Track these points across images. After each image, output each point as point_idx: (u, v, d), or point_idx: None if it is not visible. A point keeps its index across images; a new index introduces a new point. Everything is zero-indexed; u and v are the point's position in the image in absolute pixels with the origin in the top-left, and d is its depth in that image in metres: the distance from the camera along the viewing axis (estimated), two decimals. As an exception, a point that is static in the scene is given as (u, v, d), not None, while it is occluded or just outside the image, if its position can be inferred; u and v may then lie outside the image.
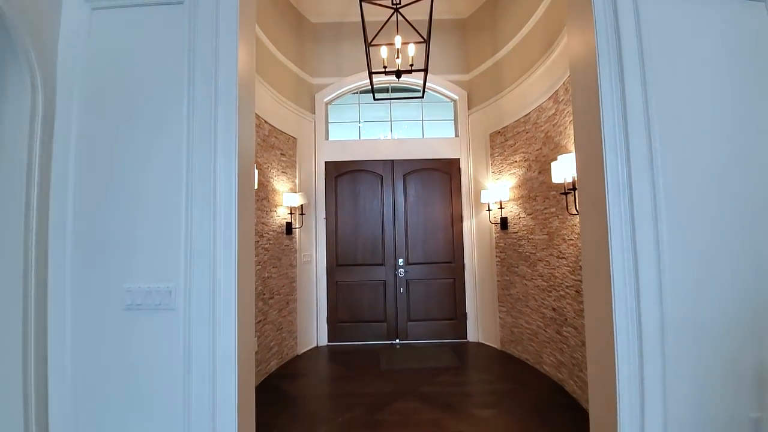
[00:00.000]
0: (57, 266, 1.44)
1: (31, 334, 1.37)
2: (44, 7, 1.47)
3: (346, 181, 3.88)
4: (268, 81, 3.08)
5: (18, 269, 1.36)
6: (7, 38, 1.34)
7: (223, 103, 1.48)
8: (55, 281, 1.44)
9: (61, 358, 1.43)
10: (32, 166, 1.40)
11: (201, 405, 1.38)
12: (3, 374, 1.32)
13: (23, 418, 1.34)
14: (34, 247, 1.39)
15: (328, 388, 2.76)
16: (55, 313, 1.44)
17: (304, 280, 3.61)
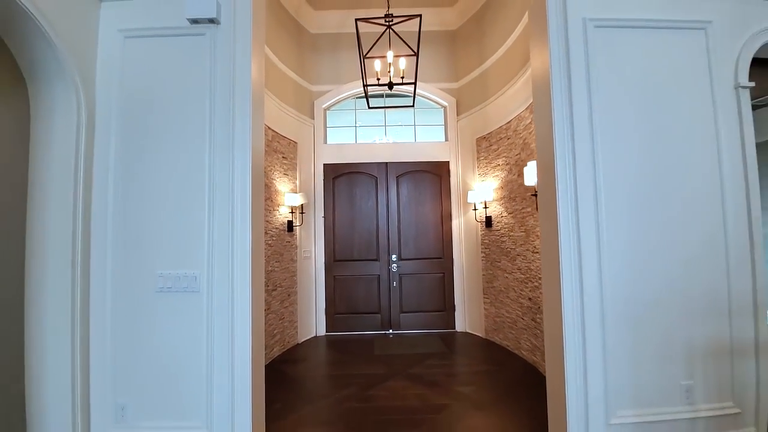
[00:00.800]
0: (98, 255, 1.71)
1: (77, 312, 1.64)
2: (84, 36, 1.74)
3: (343, 182, 4.15)
4: (271, 90, 3.34)
5: (67, 258, 1.63)
6: (58, 66, 1.61)
7: (239, 116, 1.75)
8: (97, 268, 1.71)
9: (101, 330, 1.70)
10: (78, 170, 1.67)
11: (222, 369, 1.67)
12: (55, 346, 1.60)
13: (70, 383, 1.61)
14: (79, 239, 1.66)
15: (326, 370, 3.04)
16: (97, 295, 1.71)
17: (304, 274, 3.89)
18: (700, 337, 1.71)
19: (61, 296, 1.60)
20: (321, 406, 2.39)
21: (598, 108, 1.72)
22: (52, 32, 1.53)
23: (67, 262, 1.61)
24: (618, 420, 1.66)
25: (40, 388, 1.57)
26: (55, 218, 1.62)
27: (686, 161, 1.75)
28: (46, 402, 1.57)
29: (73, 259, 1.62)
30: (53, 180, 1.63)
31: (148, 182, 1.74)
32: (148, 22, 1.78)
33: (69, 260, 1.61)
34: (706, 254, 1.73)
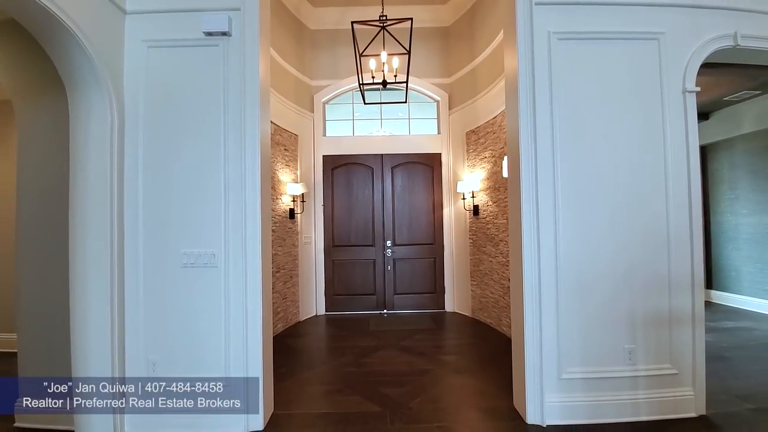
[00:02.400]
0: (131, 237, 2.02)
1: (115, 286, 1.95)
2: (114, 46, 2.00)
3: (342, 172, 4.43)
4: (274, 86, 3.58)
5: (106, 239, 1.93)
6: (93, 75, 1.88)
7: (249, 116, 2.03)
8: (130, 248, 2.02)
9: (135, 299, 2.02)
10: (112, 165, 1.96)
11: (237, 329, 2.00)
12: (97, 314, 1.91)
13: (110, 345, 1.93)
14: (115, 223, 1.96)
15: (325, 343, 3.39)
16: (131, 270, 2.01)
17: (305, 258, 4.21)
18: (642, 308, 2.02)
19: (101, 271, 1.90)
20: (321, 371, 2.73)
21: (559, 109, 2.00)
22: (88, 44, 1.79)
23: (106, 243, 1.91)
24: (568, 375, 1.98)
25: (85, 344, 1.89)
26: (95, 206, 1.91)
27: (636, 157, 2.03)
28: (90, 354, 1.89)
29: (111, 239, 1.92)
30: (91, 173, 1.92)
31: (172, 173, 2.02)
32: (168, 34, 2.04)
33: (107, 241, 1.91)
34: (650, 239, 2.02)
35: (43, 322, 2.03)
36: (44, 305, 2.03)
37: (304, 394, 2.37)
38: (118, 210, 1.96)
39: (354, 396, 2.31)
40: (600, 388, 2.00)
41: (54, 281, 2.01)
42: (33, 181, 2.06)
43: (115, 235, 1.94)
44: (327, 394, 2.37)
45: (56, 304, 1.99)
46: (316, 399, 2.31)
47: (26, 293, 2.06)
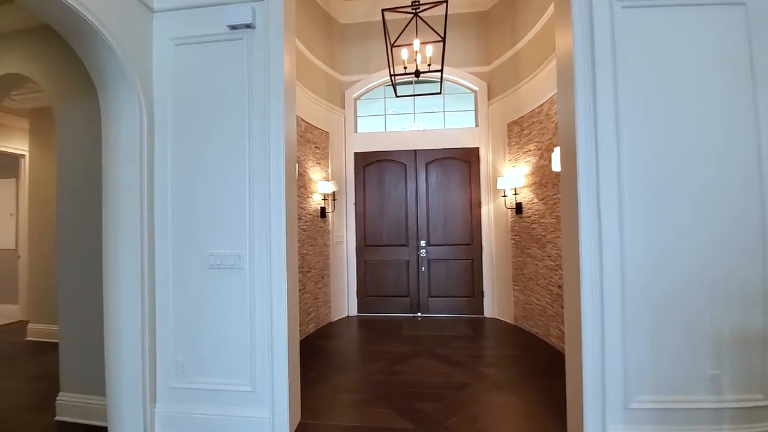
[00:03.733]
0: (161, 236, 2.00)
1: (146, 285, 1.94)
2: (142, 46, 1.98)
3: (373, 170, 4.29)
4: (304, 83, 3.51)
5: (136, 239, 1.92)
6: (122, 74, 1.87)
7: (273, 111, 1.93)
8: (160, 247, 2.00)
9: (164, 299, 2.00)
10: (142, 164, 1.94)
11: (262, 335, 1.91)
12: (128, 314, 1.91)
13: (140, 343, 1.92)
14: (146, 223, 1.94)
15: (357, 346, 3.26)
16: (161, 270, 2.00)
17: (337, 257, 4.12)
18: (729, 326, 1.65)
19: (132, 270, 1.90)
20: (351, 377, 2.60)
21: (624, 90, 1.68)
22: (116, 44, 1.78)
23: (137, 242, 1.91)
24: (636, 405, 1.67)
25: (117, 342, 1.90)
26: (126, 205, 1.91)
27: (721, 144, 1.66)
28: (122, 354, 1.90)
29: (141, 238, 1.91)
30: (122, 172, 1.92)
31: (198, 172, 1.98)
32: (194, 30, 1.99)
33: (138, 240, 1.91)
34: (739, 242, 1.65)
35: (82, 317, 2.08)
36: (83, 302, 2.08)
37: (333, 403, 2.25)
38: (148, 209, 1.95)
39: (385, 409, 2.15)
40: (676, 421, 1.66)
41: (91, 278, 2.05)
42: (71, 180, 2.12)
43: (145, 234, 1.93)
44: (357, 404, 2.23)
45: (94, 301, 2.02)
46: (345, 409, 2.18)
47: (66, 290, 2.13)
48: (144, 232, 1.92)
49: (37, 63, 2.13)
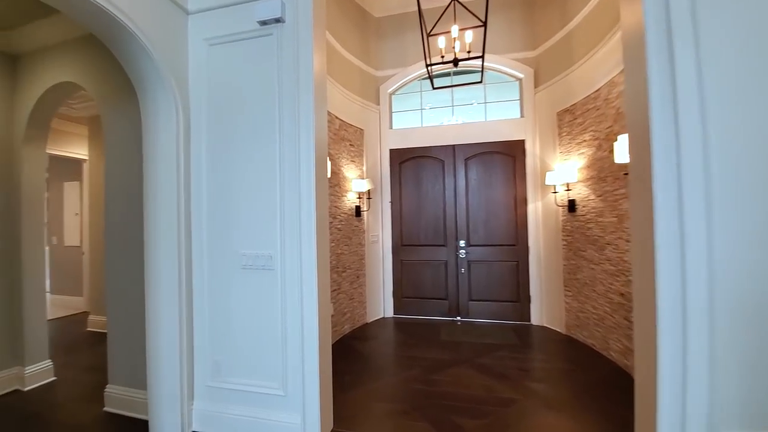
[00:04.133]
0: (197, 236, 2.01)
1: (183, 284, 1.96)
2: (178, 48, 2.00)
3: (410, 167, 4.13)
4: (338, 80, 3.45)
5: (173, 239, 1.94)
6: (158, 78, 1.89)
7: (303, 107, 1.85)
8: (196, 247, 2.01)
9: (201, 298, 2.01)
10: (179, 164, 1.96)
11: (294, 339, 1.86)
12: (167, 312, 1.94)
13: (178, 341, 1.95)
14: (183, 223, 1.96)
15: (393, 350, 3.14)
16: (197, 270, 2.01)
17: (372, 257, 4.02)
18: None
19: (170, 269, 1.93)
20: (387, 384, 2.48)
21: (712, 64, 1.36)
22: (152, 47, 1.80)
23: (174, 241, 1.93)
24: (730, 444, 1.36)
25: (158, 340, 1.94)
26: (164, 205, 1.95)
27: None
28: (162, 352, 1.93)
29: (178, 238, 1.94)
30: (161, 173, 1.95)
31: (230, 171, 1.97)
32: (226, 29, 1.98)
33: (175, 240, 1.93)
34: None
35: (128, 314, 2.17)
36: (129, 298, 2.16)
37: (367, 411, 2.14)
38: (185, 209, 1.97)
39: (421, 422, 2.00)
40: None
41: (137, 276, 2.13)
42: (118, 182, 2.21)
43: (182, 233, 1.95)
44: (392, 414, 2.10)
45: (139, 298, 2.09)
46: (379, 419, 2.06)
47: (113, 286, 2.23)
48: (181, 231, 1.94)
49: (85, 71, 2.25)
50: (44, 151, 2.54)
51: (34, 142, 2.47)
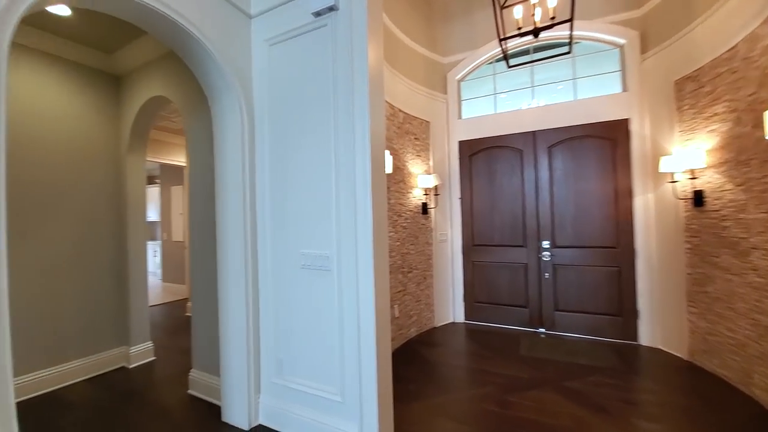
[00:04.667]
0: (262, 234, 2.04)
1: (249, 280, 2.00)
2: (242, 52, 2.04)
3: (481, 159, 3.75)
4: (401, 70, 3.28)
5: (240, 238, 1.99)
6: (224, 83, 1.95)
7: (357, 99, 1.73)
8: (261, 246, 2.04)
9: (266, 297, 2.04)
10: (244, 166, 2.01)
11: (351, 345, 1.75)
12: (235, 307, 2.00)
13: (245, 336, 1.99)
14: (248, 223, 2.00)
15: (463, 360, 2.86)
16: (262, 267, 2.04)
17: (440, 257, 3.77)
18: None
19: (238, 266, 2.00)
20: (455, 399, 2.24)
21: None
22: (218, 54, 1.87)
23: (241, 241, 1.99)
24: None
25: (228, 334, 2.02)
26: (232, 205, 2.02)
27: None
28: (231, 346, 2.01)
29: (244, 238, 1.99)
30: (229, 174, 2.03)
31: (289, 169, 1.96)
32: (284, 26, 1.96)
33: (242, 239, 1.99)
34: None
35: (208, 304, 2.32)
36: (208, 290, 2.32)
37: (430, 429, 1.94)
38: (250, 209, 2.02)
39: (494, 452, 1.71)
40: None
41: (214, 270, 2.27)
42: (198, 184, 2.38)
43: (248, 232, 2.00)
44: (458, 437, 1.86)
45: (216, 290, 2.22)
46: (443, 441, 1.84)
47: (196, 278, 2.42)
48: (247, 229, 1.99)
49: (171, 85, 2.48)
50: (144, 159, 2.92)
51: (135, 152, 2.84)
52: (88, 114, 2.68)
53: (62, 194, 2.52)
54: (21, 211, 2.31)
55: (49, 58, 2.48)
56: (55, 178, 2.49)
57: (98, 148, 2.73)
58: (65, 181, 2.54)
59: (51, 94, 2.48)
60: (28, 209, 2.35)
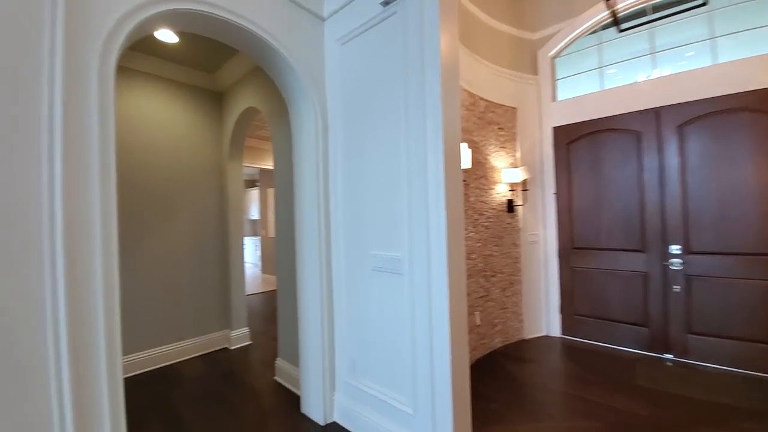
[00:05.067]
0: (336, 234, 2.05)
1: (324, 277, 2.03)
2: (316, 55, 2.07)
3: (583, 146, 3.19)
4: (482, 54, 2.98)
5: (315, 238, 2.03)
6: (299, 87, 1.99)
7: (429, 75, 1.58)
8: (335, 244, 2.05)
9: (339, 296, 2.04)
10: (318, 166, 2.04)
11: (423, 354, 1.63)
12: (311, 303, 2.05)
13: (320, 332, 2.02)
14: (323, 220, 2.03)
15: (560, 383, 2.45)
16: (336, 266, 2.05)
17: (530, 261, 3.34)
18: None
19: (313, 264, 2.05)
20: (547, 430, 1.91)
21: None
22: (293, 59, 1.93)
23: (316, 241, 2.03)
24: None
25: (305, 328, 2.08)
26: (307, 206, 2.08)
27: None
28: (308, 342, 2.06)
29: (319, 238, 2.03)
30: (305, 175, 2.09)
31: (360, 167, 1.92)
32: (354, 22, 1.92)
33: (317, 240, 2.03)
34: None
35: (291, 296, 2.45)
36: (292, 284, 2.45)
37: (516, 461, 1.68)
38: (324, 208, 2.04)
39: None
40: None
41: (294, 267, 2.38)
42: (282, 185, 2.54)
43: (322, 233, 2.03)
44: (552, 477, 1.56)
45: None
46: (533, 479, 1.56)
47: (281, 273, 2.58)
48: (321, 230, 2.02)
49: (259, 96, 2.71)
50: (241, 165, 3.28)
51: (234, 159, 3.21)
52: (196, 127, 3.11)
53: (179, 197, 2.98)
54: (147, 211, 2.79)
55: (164, 82, 2.94)
56: (173, 183, 2.96)
57: (205, 157, 3.15)
58: (181, 185, 3.00)
59: (168, 111, 2.95)
60: (153, 209, 2.83)
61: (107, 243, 1.23)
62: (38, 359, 1.06)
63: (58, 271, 1.11)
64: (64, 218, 1.13)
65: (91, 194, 1.20)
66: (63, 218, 1.12)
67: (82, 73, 1.20)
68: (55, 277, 1.10)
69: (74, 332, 1.13)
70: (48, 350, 1.08)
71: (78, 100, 1.19)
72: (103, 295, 1.21)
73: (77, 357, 1.14)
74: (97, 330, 1.19)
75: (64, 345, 1.10)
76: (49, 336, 1.08)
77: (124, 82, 2.69)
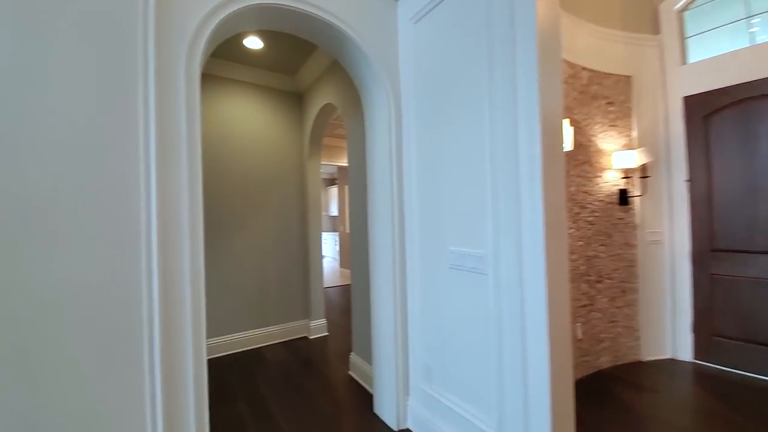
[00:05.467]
0: (410, 228, 1.91)
1: (397, 275, 1.91)
2: (389, 38, 1.95)
3: (728, 119, 2.46)
4: (584, 15, 2.50)
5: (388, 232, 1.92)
6: (371, 73, 1.90)
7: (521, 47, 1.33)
8: (409, 239, 1.92)
9: (413, 296, 1.90)
10: (392, 156, 1.92)
11: (513, 367, 1.39)
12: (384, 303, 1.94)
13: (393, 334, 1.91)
14: (396, 213, 1.91)
15: (693, 422, 1.91)
16: (410, 263, 1.92)
17: (650, 265, 2.72)
18: None
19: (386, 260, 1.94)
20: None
21: None
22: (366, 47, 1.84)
23: (389, 235, 1.92)
24: None
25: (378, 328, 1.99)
26: (380, 198, 1.98)
27: None
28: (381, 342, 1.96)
29: (392, 231, 1.91)
30: (377, 166, 2.00)
31: (436, 156, 1.74)
32: (439, -4, 1.73)
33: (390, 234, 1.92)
34: None
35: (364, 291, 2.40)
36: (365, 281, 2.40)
37: None
38: (398, 201, 1.93)
39: None
40: None
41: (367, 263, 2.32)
42: (356, 179, 2.50)
43: (395, 225, 1.92)
44: None
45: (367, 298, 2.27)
46: None
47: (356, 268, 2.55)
48: (394, 223, 1.91)
49: (336, 92, 2.73)
50: (319, 163, 3.40)
51: (313, 157, 3.32)
52: (280, 128, 3.29)
53: (267, 193, 3.20)
54: (239, 207, 3.04)
55: (252, 87, 3.16)
56: (262, 181, 3.17)
57: (288, 156, 3.32)
58: (268, 183, 3.21)
59: (255, 115, 3.16)
60: (244, 206, 3.07)
61: (194, 236, 1.31)
62: (136, 334, 1.16)
63: (153, 261, 1.20)
64: (159, 216, 1.22)
65: (181, 194, 1.28)
66: (158, 216, 1.21)
67: (171, 72, 1.27)
68: (150, 268, 1.20)
69: (165, 314, 1.22)
70: (143, 327, 1.18)
71: (168, 99, 1.26)
72: (190, 282, 1.28)
73: (168, 334, 1.23)
74: (184, 311, 1.27)
75: (156, 324, 1.20)
76: (144, 316, 1.18)
77: (219, 89, 2.97)
